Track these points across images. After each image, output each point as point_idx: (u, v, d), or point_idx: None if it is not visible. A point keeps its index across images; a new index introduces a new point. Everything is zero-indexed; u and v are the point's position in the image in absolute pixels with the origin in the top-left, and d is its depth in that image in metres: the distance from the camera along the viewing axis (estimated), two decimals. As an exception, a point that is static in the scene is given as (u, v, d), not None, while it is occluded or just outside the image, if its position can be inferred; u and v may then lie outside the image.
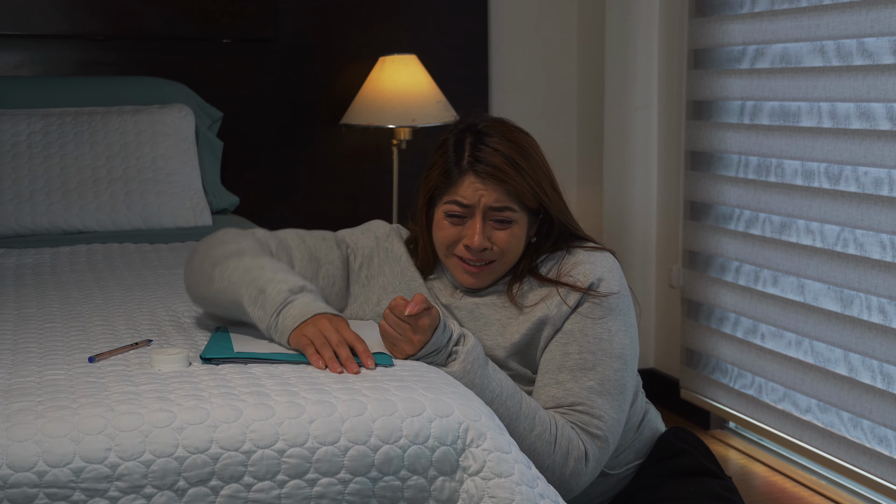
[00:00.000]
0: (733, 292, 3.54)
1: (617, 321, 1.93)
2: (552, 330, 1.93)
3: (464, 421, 1.58)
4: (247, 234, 1.98)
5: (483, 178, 1.90)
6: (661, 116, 3.95)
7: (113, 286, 2.46)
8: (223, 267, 1.86)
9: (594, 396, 1.89)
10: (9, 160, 3.25)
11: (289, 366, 1.72)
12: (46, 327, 2.03)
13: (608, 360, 1.91)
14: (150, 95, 3.56)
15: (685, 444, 2.12)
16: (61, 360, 1.77)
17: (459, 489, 1.57)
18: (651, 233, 4.02)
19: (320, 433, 1.52)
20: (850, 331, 3.02)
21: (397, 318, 1.75)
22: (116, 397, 1.54)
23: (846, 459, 3.08)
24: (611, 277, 1.94)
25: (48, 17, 3.59)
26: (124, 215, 3.27)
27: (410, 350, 1.77)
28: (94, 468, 1.43)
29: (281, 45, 3.84)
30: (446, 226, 1.94)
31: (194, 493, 1.47)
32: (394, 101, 3.67)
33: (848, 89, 2.98)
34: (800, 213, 3.20)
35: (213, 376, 1.66)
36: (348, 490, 1.52)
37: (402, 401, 1.58)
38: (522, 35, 4.11)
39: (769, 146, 3.33)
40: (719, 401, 3.66)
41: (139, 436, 1.46)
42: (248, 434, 1.50)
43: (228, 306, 1.86)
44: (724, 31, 3.51)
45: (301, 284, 1.82)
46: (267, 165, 3.86)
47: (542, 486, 1.59)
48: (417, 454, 1.55)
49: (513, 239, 1.94)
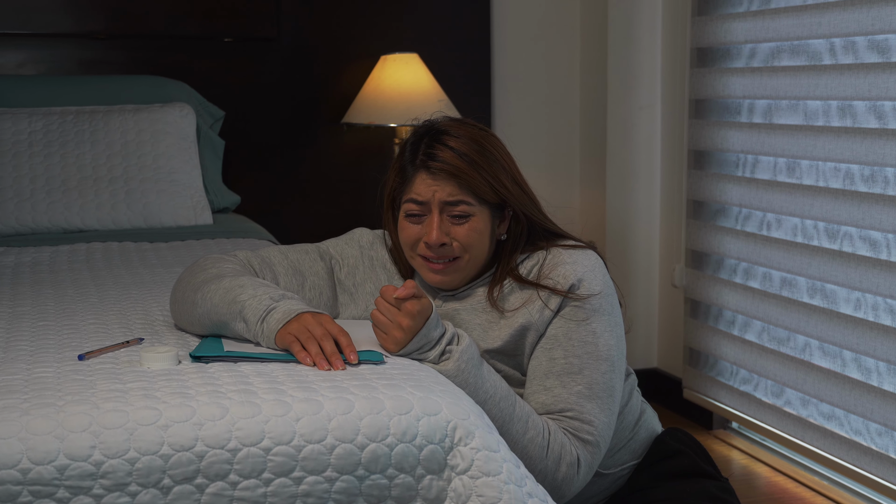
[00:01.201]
0: (736, 292, 3.52)
1: (601, 322, 1.91)
2: (536, 336, 1.92)
3: (452, 419, 1.57)
4: (228, 259, 2.00)
5: (435, 173, 1.91)
6: (664, 115, 3.93)
7: (109, 285, 2.46)
8: (204, 291, 1.86)
9: (583, 401, 1.88)
10: (9, 159, 3.25)
11: (278, 364, 1.71)
12: (39, 325, 2.03)
13: (595, 362, 1.90)
14: (151, 94, 3.56)
15: (681, 445, 2.10)
16: (51, 357, 1.77)
17: (447, 488, 1.56)
18: (654, 232, 4.01)
19: (307, 431, 1.51)
20: (853, 330, 3.00)
21: (387, 303, 1.76)
22: (103, 395, 1.54)
23: (848, 460, 3.06)
24: (592, 277, 1.92)
25: (51, 15, 3.60)
26: (125, 214, 3.27)
27: (401, 336, 1.76)
28: (78, 466, 1.43)
29: (283, 43, 3.84)
30: (407, 226, 1.95)
31: (179, 490, 1.46)
32: (395, 99, 3.66)
33: (850, 87, 2.96)
34: (803, 213, 3.18)
35: (202, 374, 1.65)
36: (335, 488, 1.51)
37: (389, 399, 1.57)
38: (525, 34, 4.10)
39: (771, 145, 3.31)
40: (722, 401, 3.64)
41: (124, 433, 1.46)
42: (233, 432, 1.49)
43: (213, 328, 1.87)
44: (726, 29, 3.49)
45: (281, 293, 1.83)
46: (269, 164, 3.86)
47: (531, 484, 1.58)
48: (405, 452, 1.54)
49: (473, 234, 1.92)
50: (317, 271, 2.04)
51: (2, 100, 3.40)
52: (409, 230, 1.94)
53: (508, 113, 4.10)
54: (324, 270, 2.05)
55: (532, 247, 1.99)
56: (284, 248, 2.08)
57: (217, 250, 2.92)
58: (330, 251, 2.09)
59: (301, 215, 3.86)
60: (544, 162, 4.12)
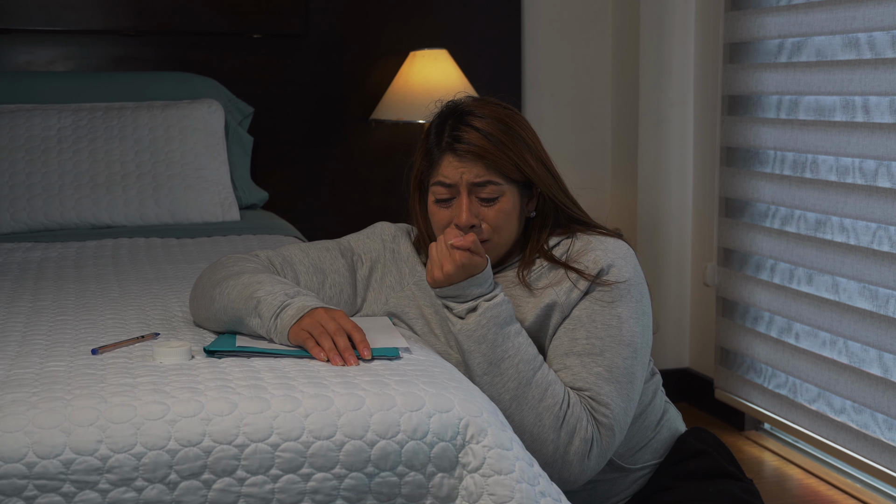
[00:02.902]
0: (768, 291, 3.47)
1: (627, 308, 1.88)
2: (561, 316, 1.90)
3: (464, 416, 1.55)
4: (249, 258, 2.00)
5: (461, 155, 1.90)
6: (696, 112, 3.88)
7: (132, 280, 2.46)
8: (223, 287, 1.86)
9: (602, 383, 1.85)
10: (39, 154, 3.26)
11: (291, 360, 1.70)
12: (58, 320, 2.02)
13: (617, 346, 1.87)
14: (180, 91, 3.56)
15: (704, 446, 2.06)
16: (66, 352, 1.76)
17: (458, 486, 1.53)
18: (686, 230, 3.96)
19: (315, 427, 1.49)
20: (886, 330, 2.94)
21: (442, 245, 1.81)
22: (112, 389, 1.53)
23: (881, 462, 3.00)
24: (623, 264, 1.90)
25: (81, 12, 3.61)
26: (152, 210, 3.27)
27: (439, 276, 1.81)
28: (84, 460, 1.42)
29: (311, 40, 3.83)
30: (437, 210, 1.94)
31: (186, 486, 1.45)
32: (424, 96, 3.63)
33: (884, 81, 2.90)
34: (834, 210, 3.12)
35: (213, 369, 1.64)
36: (343, 485, 1.49)
37: (401, 395, 1.55)
38: (556, 30, 4.06)
39: (804, 142, 3.26)
40: (754, 401, 3.59)
41: (131, 428, 1.44)
42: (241, 427, 1.47)
43: (230, 324, 1.86)
44: (759, 24, 3.44)
45: (297, 290, 1.82)
46: (297, 161, 3.85)
47: (544, 483, 1.56)
48: (415, 450, 1.52)
49: (502, 215, 1.91)
50: (338, 269, 2.02)
51: (32, 96, 3.42)
52: (440, 214, 1.94)
53: (539, 110, 4.06)
54: (345, 268, 2.03)
55: (561, 230, 1.97)
56: (305, 246, 2.07)
57: (243, 247, 2.91)
58: (352, 246, 2.07)
59: (329, 212, 3.85)
60: (575, 159, 4.08)
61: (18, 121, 3.29)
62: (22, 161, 3.24)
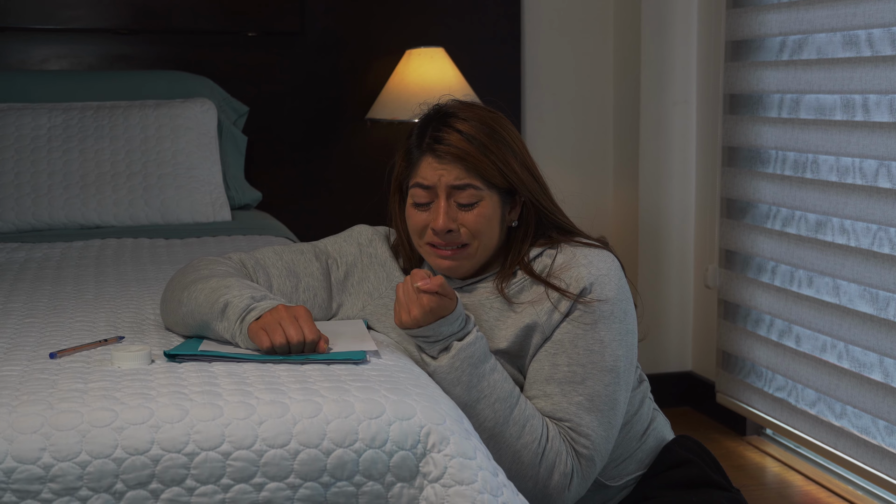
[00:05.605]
0: (769, 293, 3.40)
1: (610, 330, 1.82)
2: (541, 338, 1.83)
3: (425, 424, 1.49)
4: (221, 260, 1.95)
5: (441, 157, 1.84)
6: (698, 112, 3.81)
7: (110, 281, 2.42)
8: (191, 290, 1.82)
9: (582, 413, 1.80)
10: (28, 154, 3.23)
11: (252, 365, 1.65)
12: (26, 322, 1.98)
13: (599, 373, 1.81)
14: (174, 90, 3.52)
15: (690, 454, 2.00)
16: (25, 355, 1.72)
17: (419, 496, 1.48)
18: (688, 231, 3.89)
19: (269, 435, 1.44)
20: (886, 335, 2.87)
21: (409, 287, 1.74)
22: (60, 395, 1.48)
23: (881, 469, 2.93)
24: (605, 281, 1.83)
25: (74, 11, 3.57)
26: (142, 210, 3.23)
27: (407, 320, 1.74)
28: (26, 469, 1.37)
29: (307, 38, 3.78)
30: (414, 213, 1.89)
31: (133, 496, 1.40)
32: (420, 95, 3.57)
33: (885, 80, 2.83)
34: (835, 211, 3.05)
35: (169, 374, 1.59)
36: (297, 496, 1.44)
37: (360, 402, 1.50)
38: (557, 28, 3.99)
39: (805, 141, 3.19)
40: (755, 405, 3.51)
41: (76, 435, 1.40)
42: (191, 435, 1.42)
43: (197, 328, 1.81)
44: (761, 22, 3.37)
45: (264, 293, 1.77)
46: (293, 160, 3.81)
47: (508, 494, 1.50)
48: (374, 459, 1.46)
49: (482, 220, 1.85)
50: (311, 272, 1.98)
51: (24, 95, 3.38)
52: (417, 217, 1.88)
53: (539, 109, 4.00)
54: (319, 271, 1.98)
55: (544, 240, 1.91)
56: (279, 249, 2.02)
57: (231, 247, 2.87)
58: (328, 249, 2.03)
59: (324, 212, 3.80)
60: (576, 159, 4.01)
61: (8, 120, 3.26)
62: (11, 160, 3.20)
